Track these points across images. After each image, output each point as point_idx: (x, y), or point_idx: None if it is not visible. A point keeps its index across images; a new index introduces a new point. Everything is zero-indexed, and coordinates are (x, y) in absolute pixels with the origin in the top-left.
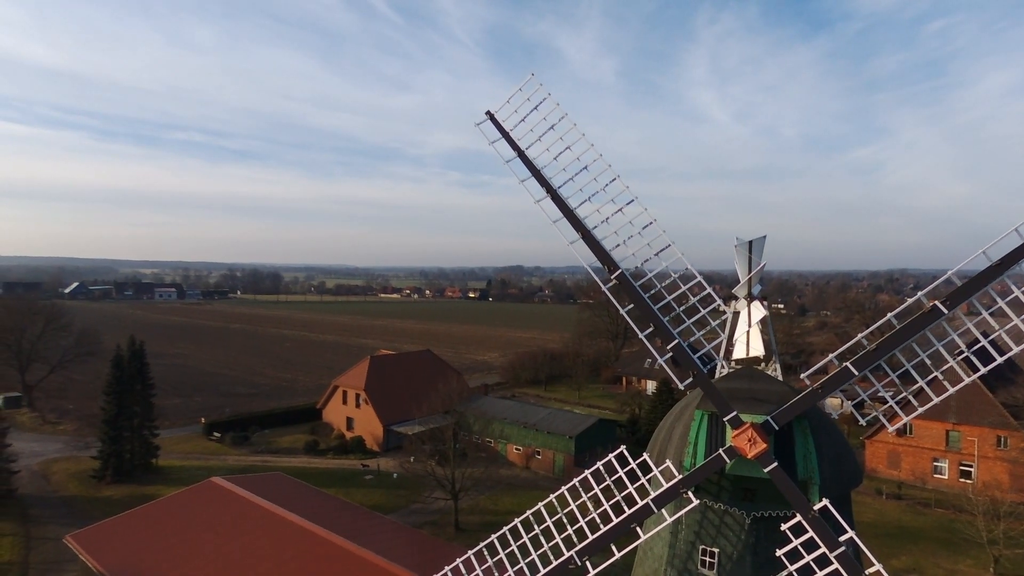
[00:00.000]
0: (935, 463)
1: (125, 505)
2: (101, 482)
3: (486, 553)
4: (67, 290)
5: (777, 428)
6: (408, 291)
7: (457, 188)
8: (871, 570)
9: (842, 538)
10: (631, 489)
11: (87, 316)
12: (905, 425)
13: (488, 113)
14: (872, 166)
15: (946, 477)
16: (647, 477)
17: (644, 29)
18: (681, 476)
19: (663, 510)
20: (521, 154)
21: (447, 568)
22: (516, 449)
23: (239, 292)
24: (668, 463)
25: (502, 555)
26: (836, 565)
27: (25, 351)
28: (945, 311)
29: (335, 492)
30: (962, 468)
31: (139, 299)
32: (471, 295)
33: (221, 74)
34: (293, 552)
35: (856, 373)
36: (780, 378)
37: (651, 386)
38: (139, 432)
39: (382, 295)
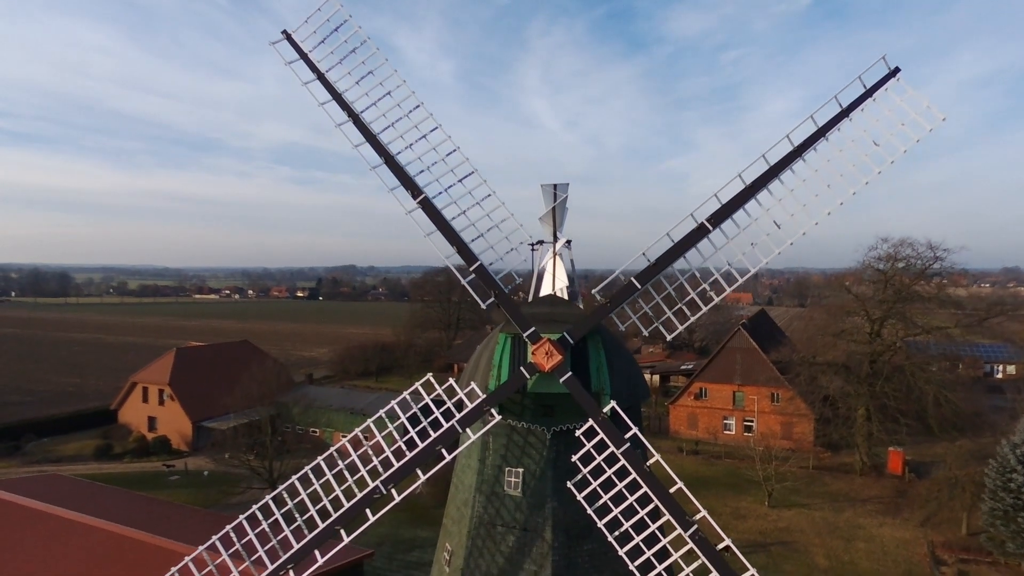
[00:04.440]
0: (725, 421)
1: None
2: None
3: (286, 496)
4: None
5: (572, 342)
6: (228, 291)
7: (288, 184)
8: (651, 461)
9: (627, 435)
10: (437, 414)
11: None
12: (701, 389)
13: (284, 32)
14: (681, 176)
15: (733, 432)
16: (453, 400)
17: (482, 35)
18: (485, 396)
19: (468, 430)
20: (321, 76)
21: (228, 527)
22: (343, 436)
23: (14, 294)
24: (473, 385)
25: (304, 496)
26: (623, 461)
27: None
28: (711, 228)
29: None
30: (745, 423)
31: None
32: (299, 294)
33: None
34: (70, 550)
35: (639, 286)
36: None
37: None
38: None
39: (197, 296)
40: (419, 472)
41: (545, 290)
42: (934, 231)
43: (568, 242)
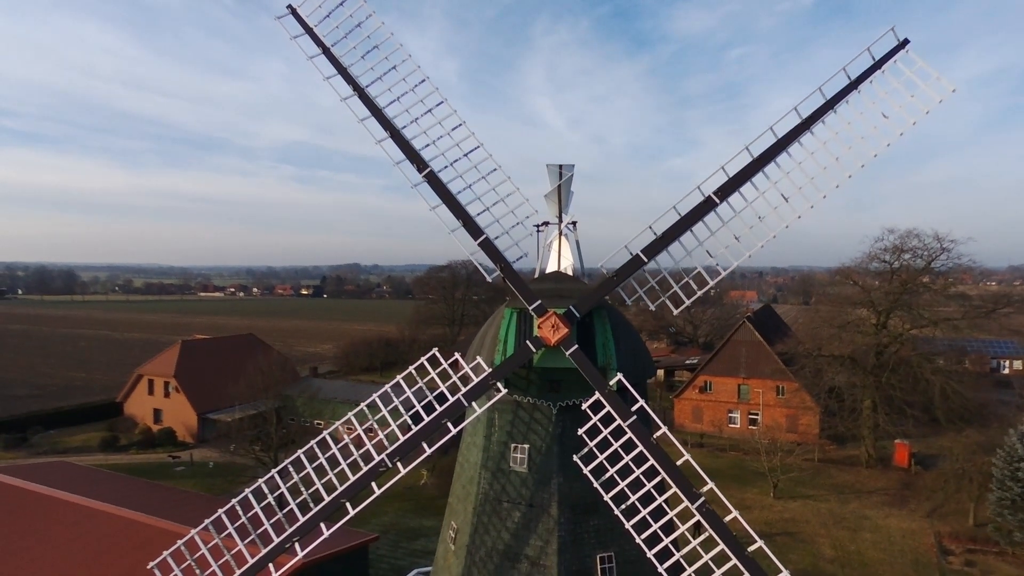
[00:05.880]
0: (729, 414)
1: None
2: None
3: (292, 470)
4: None
5: (579, 316)
6: (233, 289)
7: (292, 183)
8: (658, 433)
9: (633, 408)
10: (443, 388)
11: None
12: (706, 382)
13: (289, 7)
14: (685, 174)
15: (738, 426)
16: (459, 375)
17: (486, 34)
18: (491, 369)
19: (474, 404)
20: (326, 51)
21: (234, 500)
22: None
23: (20, 292)
24: (479, 360)
25: (309, 469)
26: (629, 434)
27: None
28: (718, 201)
29: None
30: (750, 416)
31: None
32: (304, 292)
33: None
34: (79, 533)
35: (646, 260)
36: None
37: None
38: None
39: (202, 294)
40: (425, 446)
41: (551, 269)
42: (940, 229)
43: (574, 223)
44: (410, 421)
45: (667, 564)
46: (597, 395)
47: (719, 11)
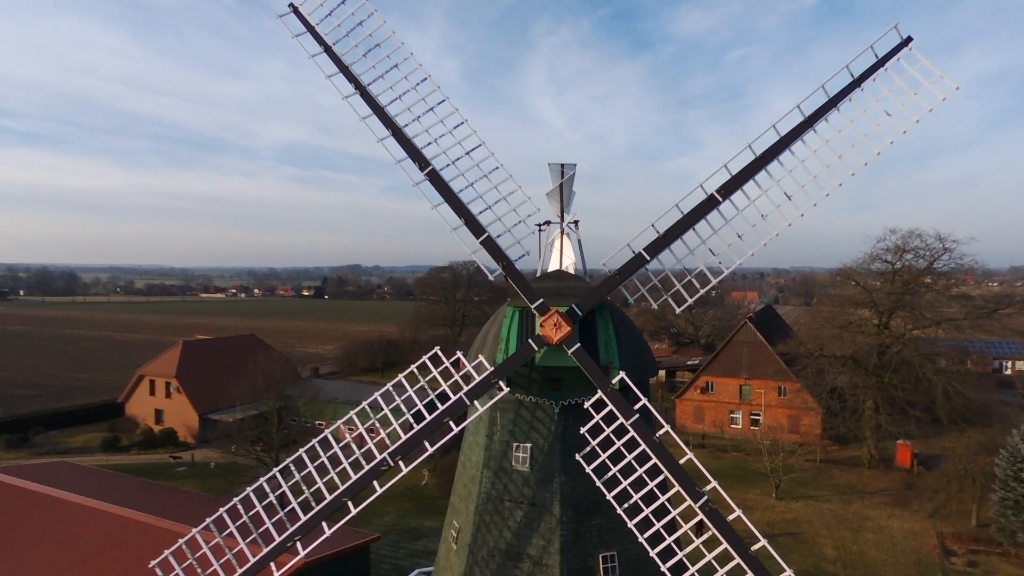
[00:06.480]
0: (731, 415)
1: None
2: None
3: (293, 468)
4: None
5: (581, 315)
6: (234, 290)
7: (293, 184)
8: (660, 432)
9: (636, 406)
10: (445, 387)
11: None
12: (708, 383)
13: (291, 5)
14: (687, 174)
15: (740, 426)
16: (461, 374)
17: (487, 34)
18: (493, 368)
19: (476, 403)
20: (328, 49)
21: (235, 499)
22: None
23: (22, 293)
24: (481, 358)
25: (311, 468)
26: (632, 432)
27: None
28: (721, 199)
29: None
30: (752, 417)
31: None
32: (305, 293)
33: (1, 40)
34: (81, 533)
35: (649, 258)
36: None
37: None
38: None
39: (203, 295)
40: (426, 444)
41: (553, 267)
42: (942, 229)
43: (575, 222)
44: (412, 420)
45: (670, 563)
46: (599, 393)
47: (720, 12)
